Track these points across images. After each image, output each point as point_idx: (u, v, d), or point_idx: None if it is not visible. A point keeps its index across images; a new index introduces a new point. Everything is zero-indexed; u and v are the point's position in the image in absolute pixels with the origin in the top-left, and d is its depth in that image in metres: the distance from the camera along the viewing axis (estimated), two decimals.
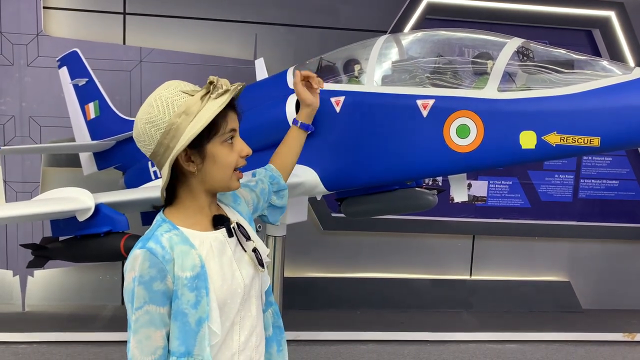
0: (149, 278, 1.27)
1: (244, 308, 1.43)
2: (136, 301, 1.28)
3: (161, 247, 1.29)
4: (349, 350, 4.05)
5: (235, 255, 1.42)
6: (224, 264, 1.38)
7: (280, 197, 1.86)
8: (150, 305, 1.28)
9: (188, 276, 1.30)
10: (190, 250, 1.32)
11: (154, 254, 1.27)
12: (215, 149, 1.35)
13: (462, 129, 2.37)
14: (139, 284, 1.28)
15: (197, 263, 1.32)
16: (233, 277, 1.38)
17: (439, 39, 2.71)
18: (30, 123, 4.53)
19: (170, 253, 1.29)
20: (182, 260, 1.30)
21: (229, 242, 1.42)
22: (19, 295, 4.67)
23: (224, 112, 1.34)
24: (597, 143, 2.13)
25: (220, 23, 4.75)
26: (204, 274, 1.32)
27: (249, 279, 1.43)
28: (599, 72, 2.22)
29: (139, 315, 1.28)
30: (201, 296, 1.31)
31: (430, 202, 3.45)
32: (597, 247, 5.33)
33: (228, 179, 1.40)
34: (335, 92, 2.78)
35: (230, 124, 1.37)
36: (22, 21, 4.44)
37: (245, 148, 1.41)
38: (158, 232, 1.33)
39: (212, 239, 1.39)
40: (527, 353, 4.18)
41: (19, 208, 2.49)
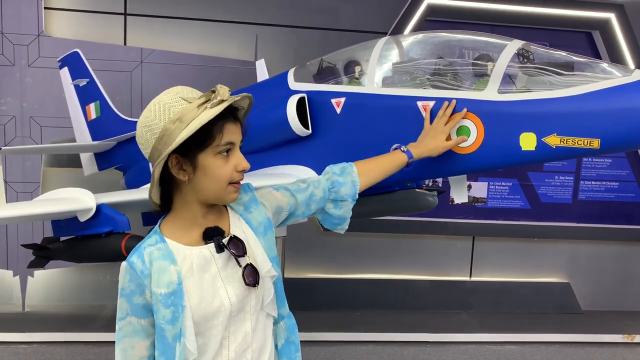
0: (129, 291, 1.31)
1: (235, 323, 1.38)
2: (119, 312, 1.34)
3: (141, 262, 1.31)
4: (349, 351, 4.05)
5: (224, 272, 1.36)
6: (205, 281, 1.33)
7: (338, 206, 1.73)
8: (132, 317, 1.32)
9: (163, 292, 1.29)
10: (169, 266, 1.31)
11: (133, 269, 1.30)
12: (207, 160, 1.32)
13: (462, 130, 2.38)
14: (121, 295, 1.33)
15: (174, 280, 1.30)
16: (215, 296, 1.33)
17: (440, 41, 2.72)
18: (31, 123, 4.54)
19: (149, 268, 1.30)
20: (158, 277, 1.29)
21: (217, 258, 1.35)
22: (19, 296, 4.68)
23: (220, 123, 1.31)
24: (597, 145, 2.13)
25: (221, 24, 4.76)
26: (179, 291, 1.30)
27: (237, 297, 1.35)
28: (599, 74, 2.23)
29: (122, 325, 1.34)
30: (178, 313, 1.29)
31: (431, 203, 3.45)
32: (596, 248, 5.33)
33: (221, 192, 1.35)
34: (335, 93, 2.79)
35: (227, 136, 1.32)
36: (23, 21, 4.44)
37: (242, 163, 1.35)
38: (144, 245, 1.35)
39: (195, 254, 1.34)
40: (526, 354, 4.18)
41: (20, 208, 2.50)
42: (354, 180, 1.73)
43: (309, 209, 1.66)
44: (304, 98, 2.83)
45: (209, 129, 1.29)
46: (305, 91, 2.88)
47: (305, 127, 2.81)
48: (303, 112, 2.82)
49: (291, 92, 2.91)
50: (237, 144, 1.36)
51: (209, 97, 1.31)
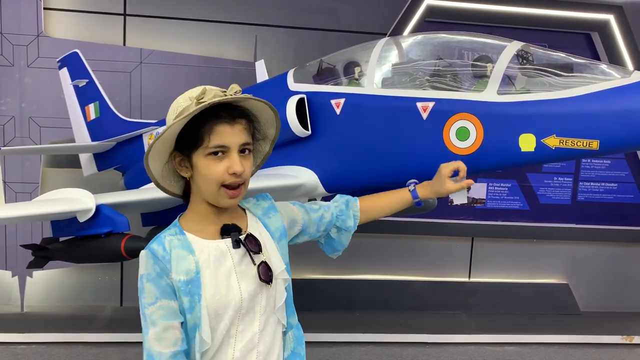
0: (155, 275, 1.32)
1: (243, 322, 1.39)
2: (147, 297, 1.32)
3: (162, 248, 1.34)
4: (348, 352, 4.05)
5: (239, 267, 1.38)
6: (220, 274, 1.36)
7: (341, 233, 1.79)
8: (162, 300, 1.32)
9: (182, 279, 1.32)
10: (188, 255, 1.34)
11: (154, 254, 1.33)
12: (198, 160, 1.34)
13: (462, 132, 2.38)
14: (147, 281, 1.33)
15: (192, 268, 1.33)
16: (229, 289, 1.36)
17: (439, 42, 2.73)
18: (30, 124, 4.54)
19: (169, 254, 1.33)
20: (177, 264, 1.32)
21: (233, 253, 1.38)
22: (17, 296, 4.67)
23: (210, 124, 1.31)
24: (596, 146, 2.14)
25: (220, 25, 4.76)
26: (197, 280, 1.33)
27: (249, 294, 1.38)
28: (598, 75, 2.24)
29: (153, 310, 1.32)
30: (194, 302, 1.32)
31: (430, 204, 3.45)
32: (595, 249, 5.34)
33: (214, 193, 1.36)
34: (335, 94, 2.79)
35: (217, 138, 1.31)
36: (22, 22, 4.44)
37: (234, 165, 1.32)
38: (163, 234, 1.38)
39: (212, 247, 1.38)
40: (525, 355, 4.18)
41: (20, 209, 2.50)
42: (355, 215, 1.78)
43: (318, 230, 1.72)
44: (304, 99, 2.83)
45: (197, 130, 1.31)
46: (304, 92, 2.88)
47: (305, 128, 2.82)
48: (303, 113, 2.82)
49: (291, 92, 2.92)
50: (235, 146, 1.34)
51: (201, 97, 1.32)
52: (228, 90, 1.35)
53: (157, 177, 1.42)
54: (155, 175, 1.41)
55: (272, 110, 1.45)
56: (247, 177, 1.39)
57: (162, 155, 1.39)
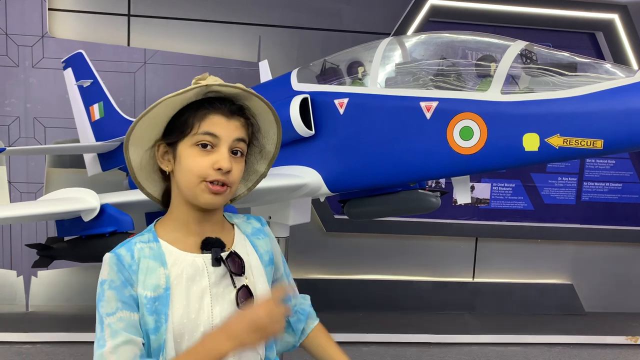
0: (120, 283, 1.18)
1: None
2: (107, 306, 1.17)
3: (130, 256, 1.20)
4: (351, 352, 4.03)
5: (216, 289, 1.22)
6: (192, 293, 1.20)
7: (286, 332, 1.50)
8: (123, 311, 1.17)
9: (148, 296, 1.17)
10: (158, 268, 1.19)
11: (120, 261, 1.18)
12: (183, 149, 1.20)
13: (466, 131, 2.38)
14: (109, 288, 1.18)
15: (161, 284, 1.18)
16: (199, 312, 1.20)
17: (443, 42, 2.73)
18: (34, 124, 4.56)
19: (137, 264, 1.19)
20: (144, 277, 1.18)
21: (211, 271, 1.22)
22: (22, 296, 4.69)
23: (203, 112, 1.19)
24: (600, 145, 2.13)
25: (224, 25, 4.77)
26: (165, 298, 1.18)
27: (221, 319, 1.20)
28: (602, 74, 2.23)
29: (112, 321, 1.16)
30: (160, 322, 1.17)
31: (434, 204, 3.45)
32: (600, 249, 5.32)
33: (194, 188, 1.19)
34: (338, 94, 2.79)
35: (208, 127, 1.18)
36: (27, 23, 4.46)
37: (222, 161, 1.17)
38: (135, 240, 1.24)
39: (188, 262, 1.22)
40: (529, 355, 4.17)
41: (25, 208, 2.51)
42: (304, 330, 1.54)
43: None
44: (307, 99, 2.84)
45: (188, 116, 1.20)
46: (308, 92, 2.88)
47: (309, 128, 2.82)
48: (306, 112, 2.83)
49: (294, 92, 2.92)
50: (226, 140, 1.19)
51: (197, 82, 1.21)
52: (202, 76, 1.23)
53: (136, 168, 1.27)
54: (134, 165, 1.26)
55: (275, 120, 1.31)
56: (234, 182, 1.22)
57: (147, 141, 1.24)
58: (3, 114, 4.51)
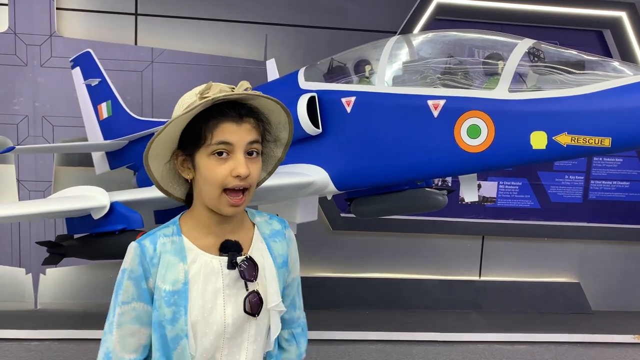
0: (138, 275, 1.24)
1: (229, 347, 1.29)
2: (123, 294, 1.24)
3: (153, 249, 1.25)
4: (358, 350, 4.06)
5: (230, 290, 1.27)
6: (207, 292, 1.25)
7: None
8: (138, 302, 1.24)
9: (167, 289, 1.23)
10: (179, 263, 1.24)
11: (143, 253, 1.24)
12: (200, 160, 1.23)
13: (473, 129, 2.38)
14: (128, 278, 1.24)
15: (180, 278, 1.24)
16: (212, 311, 1.25)
17: (450, 40, 2.73)
18: (43, 123, 4.59)
19: (158, 259, 1.24)
20: (165, 271, 1.23)
21: (225, 273, 1.27)
22: (31, 293, 4.73)
23: (214, 122, 1.20)
24: (608, 143, 2.13)
25: (230, 24, 4.78)
26: (184, 292, 1.23)
27: (234, 320, 1.27)
28: (610, 72, 2.23)
29: (125, 310, 1.24)
30: (180, 314, 1.23)
31: (440, 202, 3.46)
32: (607, 248, 5.31)
33: (215, 199, 1.23)
34: (346, 92, 2.80)
35: (221, 135, 1.20)
36: (35, 22, 4.49)
37: (239, 167, 1.20)
38: (159, 232, 1.29)
39: (205, 262, 1.27)
40: (536, 354, 4.16)
41: (35, 206, 2.54)
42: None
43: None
44: (315, 97, 2.84)
45: (199, 127, 1.21)
46: (315, 90, 2.90)
47: (316, 126, 2.83)
48: (313, 111, 2.84)
49: (301, 91, 2.93)
50: (240, 145, 1.21)
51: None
52: (237, 87, 1.24)
53: (158, 178, 1.32)
54: (155, 175, 1.31)
55: (284, 111, 1.32)
56: (253, 182, 1.25)
57: (164, 154, 1.28)
58: (12, 112, 4.54)
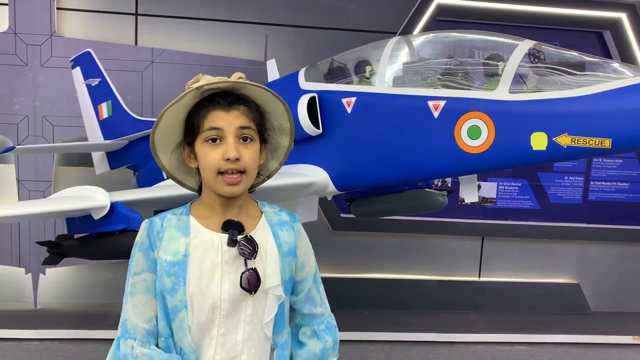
0: (147, 246, 1.34)
1: (225, 325, 1.33)
2: (135, 266, 1.35)
3: (161, 224, 1.35)
4: (357, 350, 4.06)
5: (228, 266, 1.32)
6: (205, 266, 1.31)
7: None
8: (147, 273, 1.33)
9: (168, 260, 1.31)
10: (180, 237, 1.33)
11: (152, 226, 1.35)
12: (198, 147, 1.33)
13: (473, 130, 2.39)
14: (139, 250, 1.35)
15: (180, 250, 1.31)
16: (209, 284, 1.31)
17: (450, 41, 2.73)
18: (43, 123, 4.59)
19: (163, 232, 1.34)
20: (167, 243, 1.32)
21: (225, 250, 1.32)
22: (31, 293, 4.72)
23: (205, 110, 1.30)
24: (609, 144, 2.14)
25: (231, 24, 4.78)
26: (184, 263, 1.30)
27: (229, 296, 1.31)
28: (610, 74, 2.23)
29: (137, 280, 1.34)
30: (178, 285, 1.30)
31: (440, 202, 3.46)
32: (606, 249, 5.31)
33: (213, 181, 1.31)
34: (346, 93, 2.81)
35: (211, 122, 1.29)
36: (36, 22, 4.49)
37: (228, 151, 1.27)
38: (170, 211, 1.40)
39: (206, 238, 1.34)
40: (535, 355, 4.17)
41: (36, 206, 2.53)
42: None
43: (295, 297, 1.52)
44: (315, 98, 2.85)
45: (194, 117, 1.32)
46: (315, 91, 2.90)
47: (316, 127, 2.83)
48: (314, 111, 2.84)
49: (302, 91, 2.93)
50: (230, 130, 1.29)
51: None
52: (231, 77, 1.33)
53: (172, 171, 1.42)
54: (168, 168, 1.41)
55: (278, 99, 1.37)
56: (248, 166, 1.31)
57: (168, 145, 1.38)
58: (12, 112, 4.54)
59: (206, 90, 1.32)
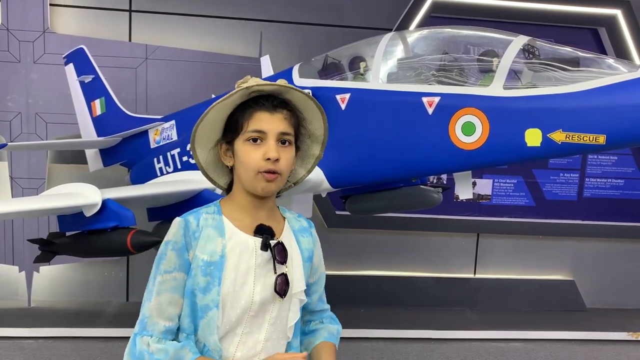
0: (181, 246, 1.34)
1: (250, 325, 1.38)
2: (166, 264, 1.34)
3: (196, 223, 1.36)
4: (353, 347, 4.06)
5: (260, 270, 1.37)
6: (240, 268, 1.35)
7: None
8: (179, 272, 1.34)
9: (205, 259, 1.33)
10: (217, 237, 1.35)
11: (188, 226, 1.35)
12: (238, 146, 1.36)
13: (468, 127, 2.38)
14: (172, 249, 1.34)
15: (217, 251, 1.34)
16: (243, 286, 1.35)
17: (445, 37, 2.72)
18: (36, 120, 4.56)
19: (200, 232, 1.35)
20: (205, 242, 1.34)
21: (259, 254, 1.37)
22: (24, 291, 4.71)
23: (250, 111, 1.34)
24: (603, 141, 2.13)
25: (225, 20, 4.76)
26: (221, 264, 1.33)
27: (260, 298, 1.36)
28: (605, 69, 2.23)
29: (166, 278, 1.34)
30: (213, 284, 1.32)
31: (435, 199, 3.45)
32: (601, 246, 5.32)
33: (251, 179, 1.35)
34: (340, 89, 2.79)
35: (256, 124, 1.33)
36: (28, 18, 4.46)
37: (270, 151, 1.33)
38: (202, 210, 1.40)
39: (241, 239, 1.37)
40: (530, 352, 4.17)
41: (27, 203, 2.52)
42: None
43: (309, 298, 1.54)
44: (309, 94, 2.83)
45: (238, 116, 1.35)
46: (310, 87, 2.88)
47: None
48: None
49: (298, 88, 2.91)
50: (272, 133, 1.34)
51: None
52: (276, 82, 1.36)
53: (205, 167, 1.44)
54: (203, 164, 1.43)
55: (317, 107, 1.42)
56: (284, 170, 1.36)
57: (208, 141, 1.41)
58: (4, 109, 4.51)
59: (254, 91, 1.35)
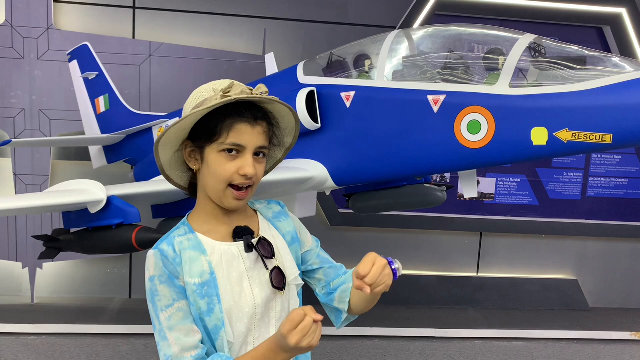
0: (167, 277, 1.26)
1: (259, 329, 1.34)
2: (163, 300, 1.26)
3: (172, 250, 1.28)
4: (355, 345, 4.06)
5: (252, 272, 1.33)
6: (233, 278, 1.30)
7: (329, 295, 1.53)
8: (180, 301, 1.26)
9: (197, 282, 1.26)
10: (200, 256, 1.29)
11: (164, 256, 1.27)
12: (211, 154, 1.27)
13: (473, 125, 2.37)
14: (160, 283, 1.26)
15: (205, 269, 1.28)
16: (242, 294, 1.30)
17: (450, 35, 2.71)
18: (40, 116, 4.56)
19: (180, 257, 1.27)
20: (189, 266, 1.27)
21: (245, 257, 1.32)
22: (28, 288, 4.71)
23: (230, 121, 1.25)
24: (609, 140, 2.12)
25: (229, 18, 4.76)
26: (213, 281, 1.27)
27: (262, 299, 1.33)
28: (611, 68, 2.22)
29: (171, 313, 1.26)
30: (213, 303, 1.27)
31: (439, 198, 3.45)
32: (605, 245, 5.31)
33: (220, 192, 1.29)
34: (345, 87, 2.78)
35: (235, 137, 1.25)
36: (32, 15, 4.46)
37: (246, 167, 1.26)
38: (173, 235, 1.32)
39: (224, 250, 1.32)
40: (533, 351, 4.17)
41: (32, 199, 2.51)
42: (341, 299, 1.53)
43: (314, 272, 1.54)
44: (314, 92, 2.82)
45: (216, 123, 1.25)
46: (314, 85, 2.88)
47: (315, 121, 2.81)
48: (312, 105, 2.82)
49: (300, 85, 2.91)
50: (251, 148, 1.27)
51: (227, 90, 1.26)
52: (255, 89, 1.28)
53: (165, 166, 1.36)
54: (163, 163, 1.35)
55: (294, 117, 1.38)
56: (257, 181, 1.32)
57: (175, 144, 1.32)
58: (8, 106, 4.51)
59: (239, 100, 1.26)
